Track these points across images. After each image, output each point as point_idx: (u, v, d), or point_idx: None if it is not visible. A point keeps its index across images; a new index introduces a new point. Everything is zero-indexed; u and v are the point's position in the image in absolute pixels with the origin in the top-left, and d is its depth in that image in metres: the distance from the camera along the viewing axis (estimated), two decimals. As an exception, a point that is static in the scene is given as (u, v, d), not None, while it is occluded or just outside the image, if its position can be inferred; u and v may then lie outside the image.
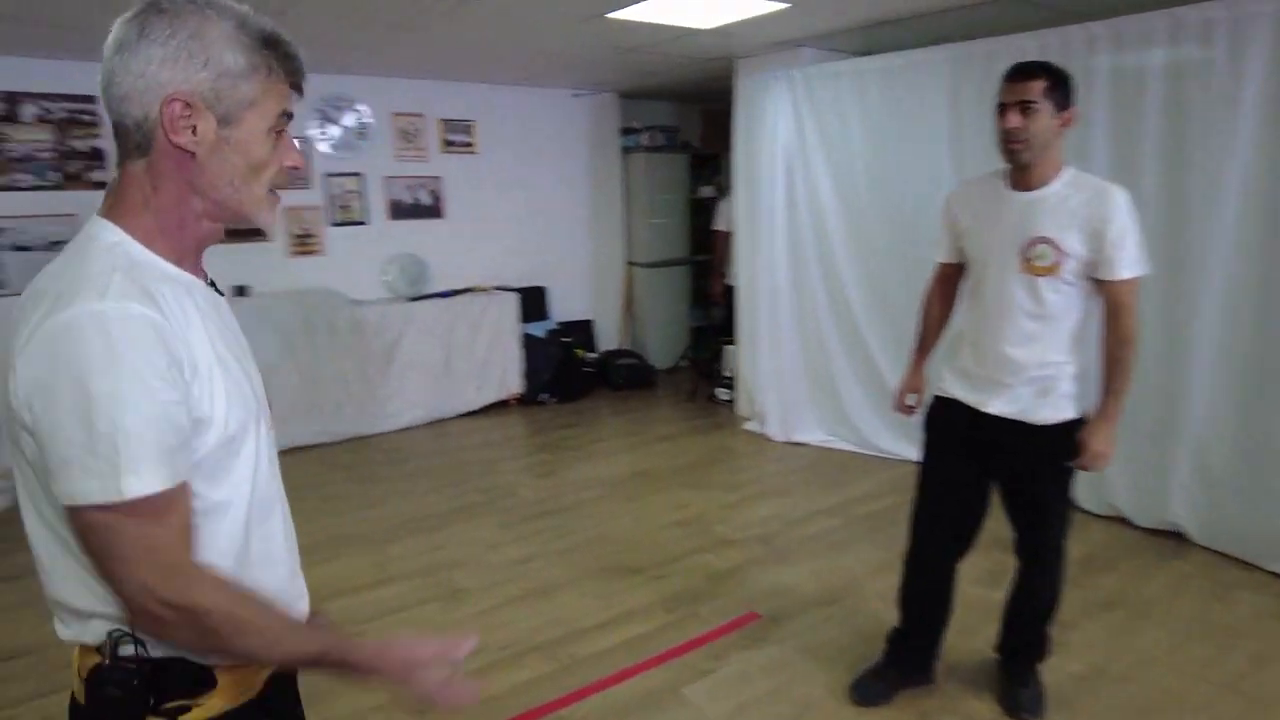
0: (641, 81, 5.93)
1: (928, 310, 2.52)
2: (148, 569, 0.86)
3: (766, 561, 3.41)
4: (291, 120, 0.99)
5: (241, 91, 0.92)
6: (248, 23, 0.92)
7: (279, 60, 0.95)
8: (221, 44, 0.90)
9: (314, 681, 1.13)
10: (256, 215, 0.99)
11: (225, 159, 0.93)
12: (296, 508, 1.15)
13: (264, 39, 0.93)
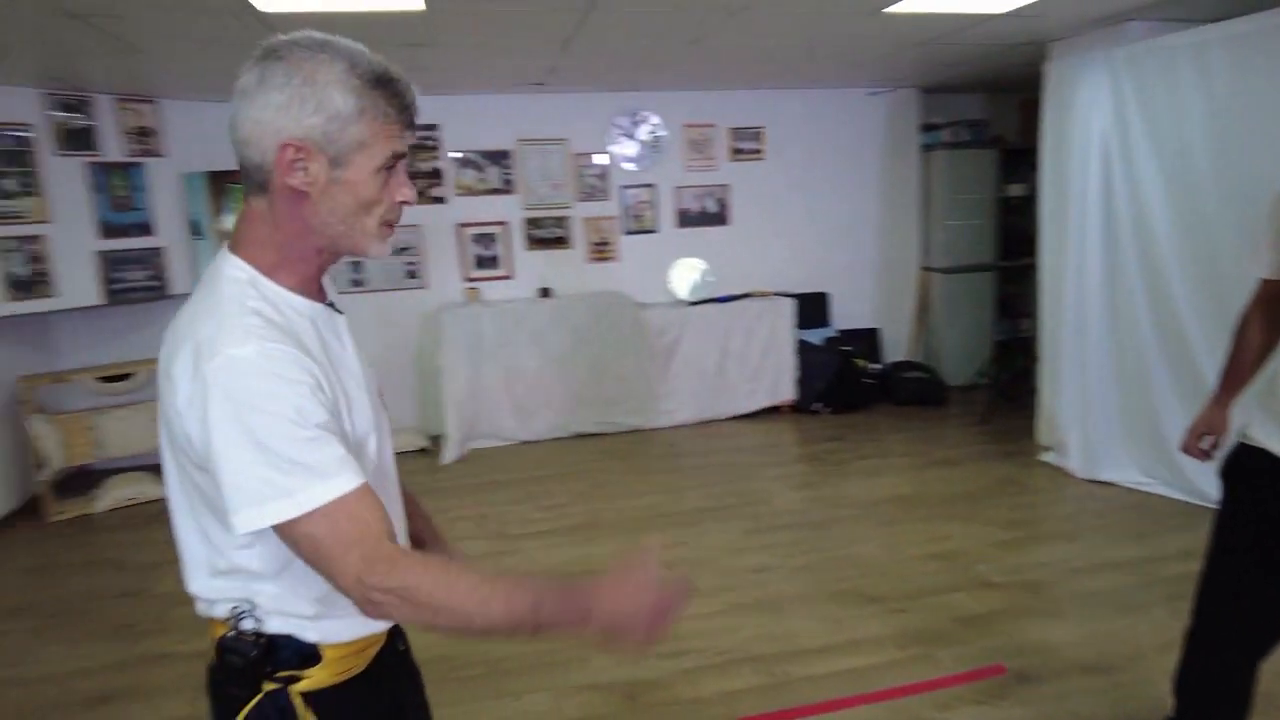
0: (944, 74, 5.51)
1: (1242, 335, 2.03)
2: (356, 562, 0.93)
3: (1030, 612, 3.00)
4: (403, 159, 1.06)
5: (351, 134, 0.98)
6: (359, 64, 0.99)
7: (389, 101, 1.01)
8: (333, 87, 0.96)
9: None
10: (368, 249, 1.06)
11: (336, 198, 1.01)
12: (569, 488, 1.31)
13: (375, 80, 0.99)
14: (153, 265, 4.77)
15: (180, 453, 1.01)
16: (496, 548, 3.81)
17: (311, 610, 1.08)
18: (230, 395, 0.92)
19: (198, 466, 0.98)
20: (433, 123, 5.32)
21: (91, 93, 4.46)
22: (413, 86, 1.04)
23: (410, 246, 5.41)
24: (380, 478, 1.13)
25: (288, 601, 1.07)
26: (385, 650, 1.21)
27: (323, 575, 0.97)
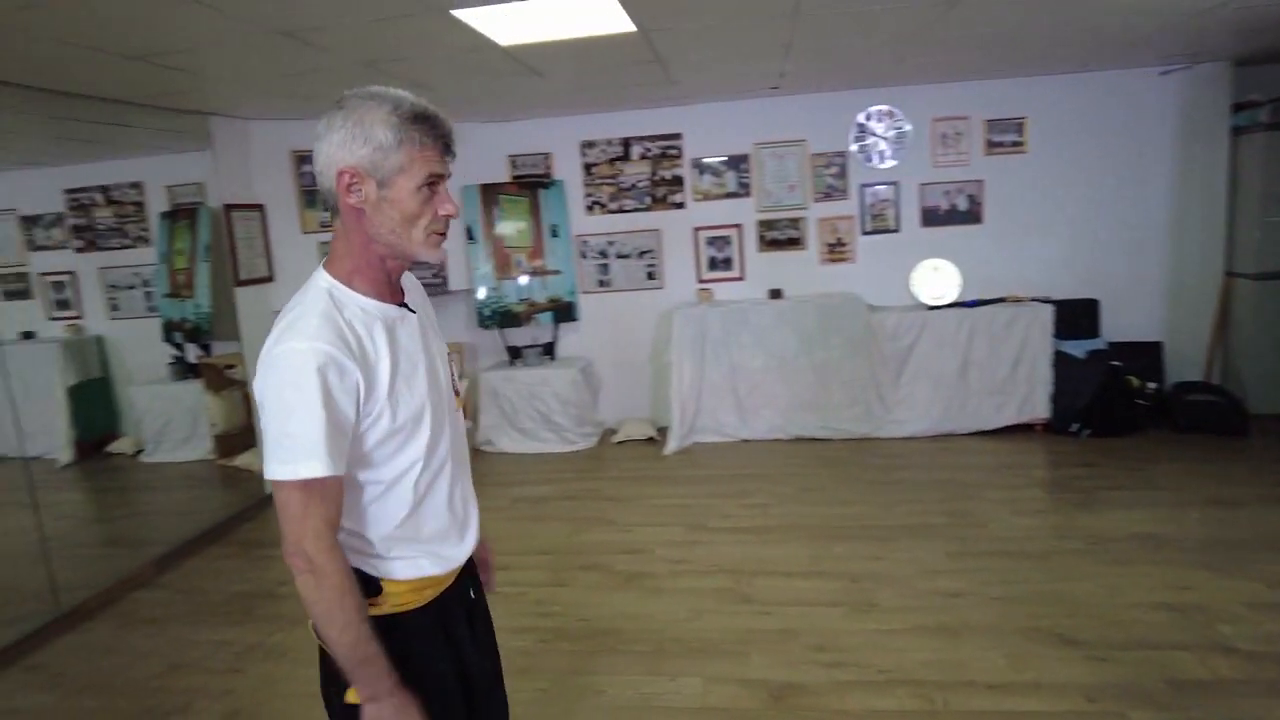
0: (1263, 41, 4.63)
1: None
2: (301, 529, 1.21)
3: (1275, 692, 2.50)
4: (444, 179, 1.29)
5: (392, 160, 1.24)
6: (401, 106, 1.24)
7: (425, 133, 1.24)
8: (377, 125, 1.22)
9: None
10: (419, 254, 1.31)
11: (386, 213, 1.26)
12: (776, 490, 1.57)
13: (413, 117, 1.24)
14: (436, 265, 5.61)
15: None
16: (688, 537, 3.98)
17: (373, 550, 1.35)
18: (278, 374, 1.21)
19: None
20: (675, 132, 5.61)
21: (395, 121, 5.35)
22: (448, 120, 1.27)
23: (650, 250, 5.76)
24: (432, 449, 1.37)
25: (356, 540, 1.35)
26: (451, 593, 1.45)
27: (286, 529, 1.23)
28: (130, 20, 2.73)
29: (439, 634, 1.42)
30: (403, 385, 1.31)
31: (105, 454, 6.31)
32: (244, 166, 4.93)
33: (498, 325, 5.72)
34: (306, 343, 1.21)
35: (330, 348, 1.21)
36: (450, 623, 1.45)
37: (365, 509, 1.34)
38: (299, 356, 1.20)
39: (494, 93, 4.63)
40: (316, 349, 1.21)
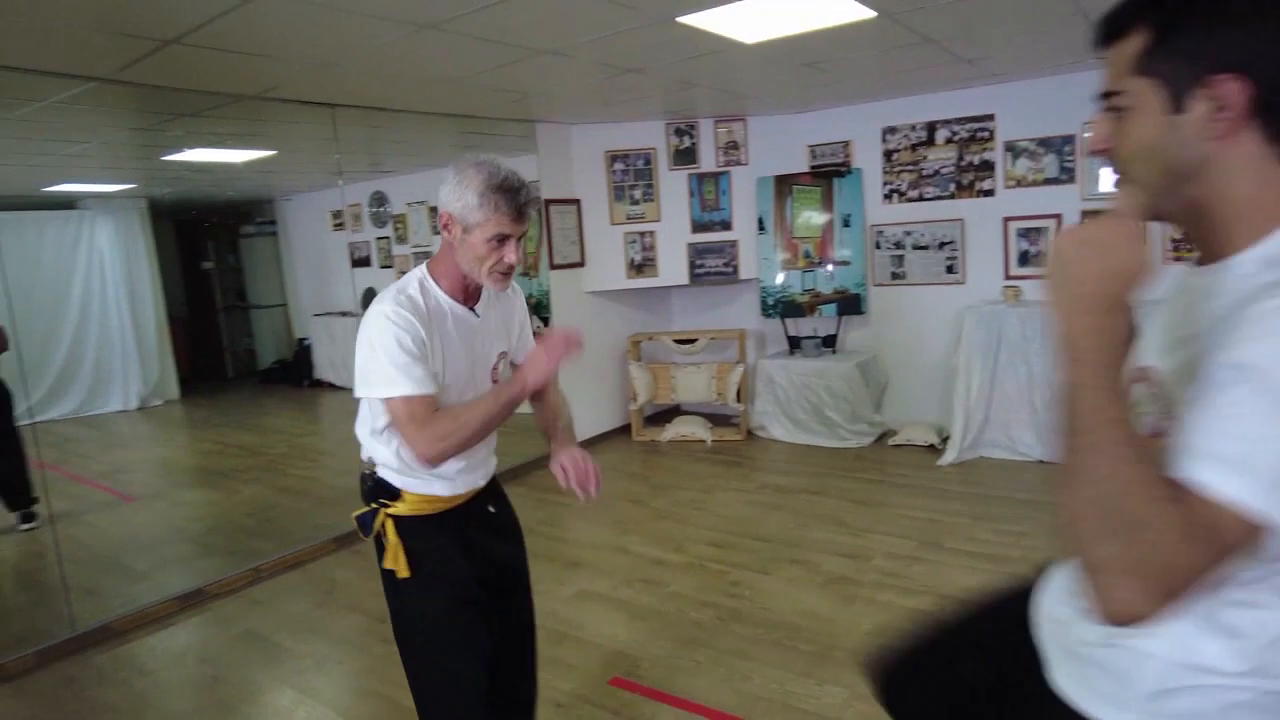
0: None
1: None
2: (411, 433, 1.62)
3: None
4: (511, 237, 1.65)
5: (474, 217, 1.63)
6: (494, 176, 1.62)
7: (503, 202, 1.61)
8: (471, 189, 1.62)
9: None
10: (485, 283, 1.73)
11: (465, 250, 1.68)
12: (1042, 520, 1.68)
13: (496, 187, 1.61)
14: (728, 254, 5.86)
15: None
16: (915, 553, 3.71)
17: (395, 466, 1.77)
18: (369, 324, 1.66)
19: None
20: (986, 113, 5.11)
21: (698, 118, 5.70)
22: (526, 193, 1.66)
23: (951, 241, 5.34)
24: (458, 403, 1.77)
25: (382, 456, 1.78)
26: (468, 508, 1.86)
27: (401, 438, 1.66)
28: (503, 72, 3.77)
29: (455, 536, 1.81)
30: (441, 359, 1.71)
31: (468, 401, 7.70)
32: (565, 165, 5.67)
33: (781, 315, 5.79)
34: (392, 306, 1.65)
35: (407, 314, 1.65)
36: (467, 529, 1.84)
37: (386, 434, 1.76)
38: (384, 314, 1.65)
39: (781, 84, 4.69)
40: (399, 312, 1.64)
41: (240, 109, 4.11)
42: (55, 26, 2.64)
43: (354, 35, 3.02)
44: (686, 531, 4.16)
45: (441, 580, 1.76)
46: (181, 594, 3.69)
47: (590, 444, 5.88)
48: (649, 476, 5.17)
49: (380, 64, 3.48)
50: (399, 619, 1.80)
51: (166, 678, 3.09)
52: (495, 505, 1.97)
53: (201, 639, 3.39)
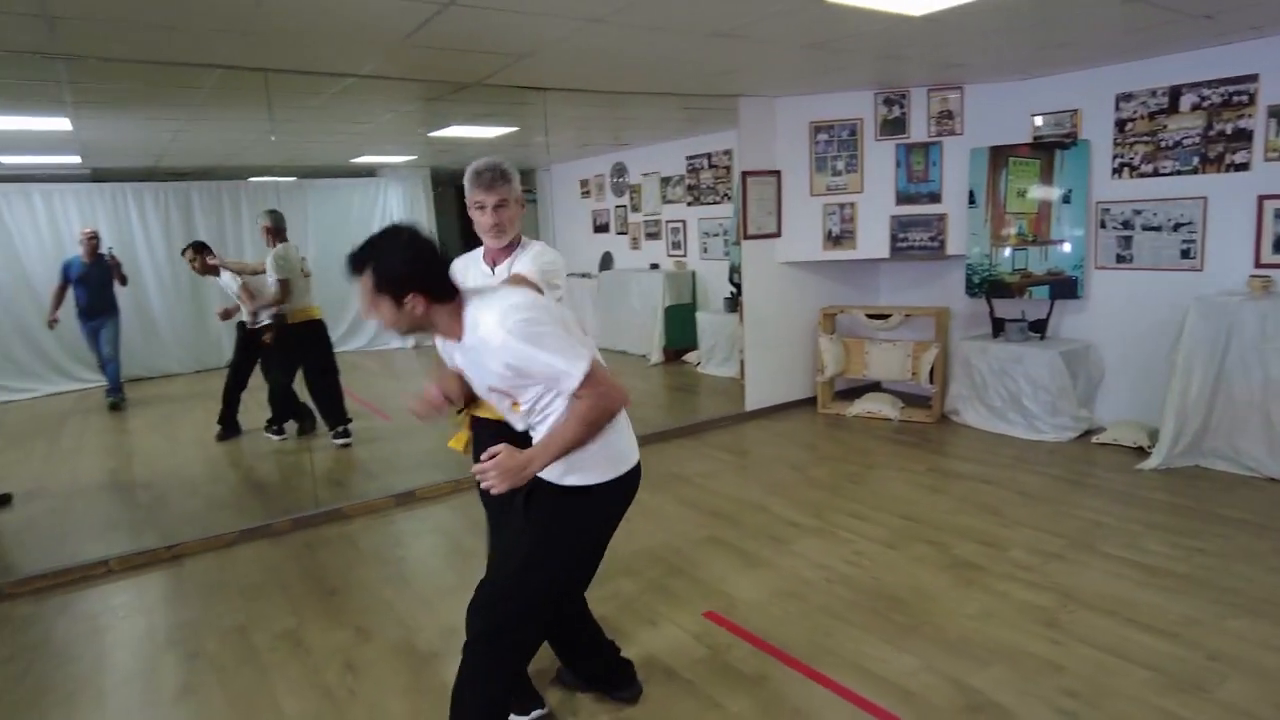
0: None
1: None
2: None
3: None
4: (485, 206, 2.28)
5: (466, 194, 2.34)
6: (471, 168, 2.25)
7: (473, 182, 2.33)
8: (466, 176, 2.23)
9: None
10: (485, 241, 2.41)
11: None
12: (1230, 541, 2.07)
13: (470, 173, 2.27)
14: (934, 228, 5.66)
15: None
16: (1061, 551, 3.50)
17: None
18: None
19: None
20: (1247, 73, 4.42)
21: (909, 87, 5.54)
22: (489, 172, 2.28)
23: (1189, 222, 4.72)
24: None
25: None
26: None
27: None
28: (716, 59, 4.26)
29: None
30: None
31: (680, 361, 8.22)
32: (766, 137, 5.81)
33: (986, 294, 5.50)
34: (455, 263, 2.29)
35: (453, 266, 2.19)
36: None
37: None
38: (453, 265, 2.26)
39: (1004, 50, 4.44)
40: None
41: (471, 94, 4.84)
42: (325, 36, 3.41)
43: (533, 30, 3.50)
44: (832, 501, 4.26)
45: None
46: (398, 494, 4.57)
47: (773, 414, 6.06)
48: (818, 447, 5.27)
49: (567, 53, 3.94)
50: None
51: (367, 553, 3.91)
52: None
53: (402, 530, 4.21)
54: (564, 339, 1.83)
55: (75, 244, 7.28)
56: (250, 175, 8.82)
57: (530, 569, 2.03)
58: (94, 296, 6.95)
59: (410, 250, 1.79)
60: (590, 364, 1.82)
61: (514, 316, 1.81)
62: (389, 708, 2.61)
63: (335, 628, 3.16)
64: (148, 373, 8.48)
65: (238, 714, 2.61)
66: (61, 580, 3.69)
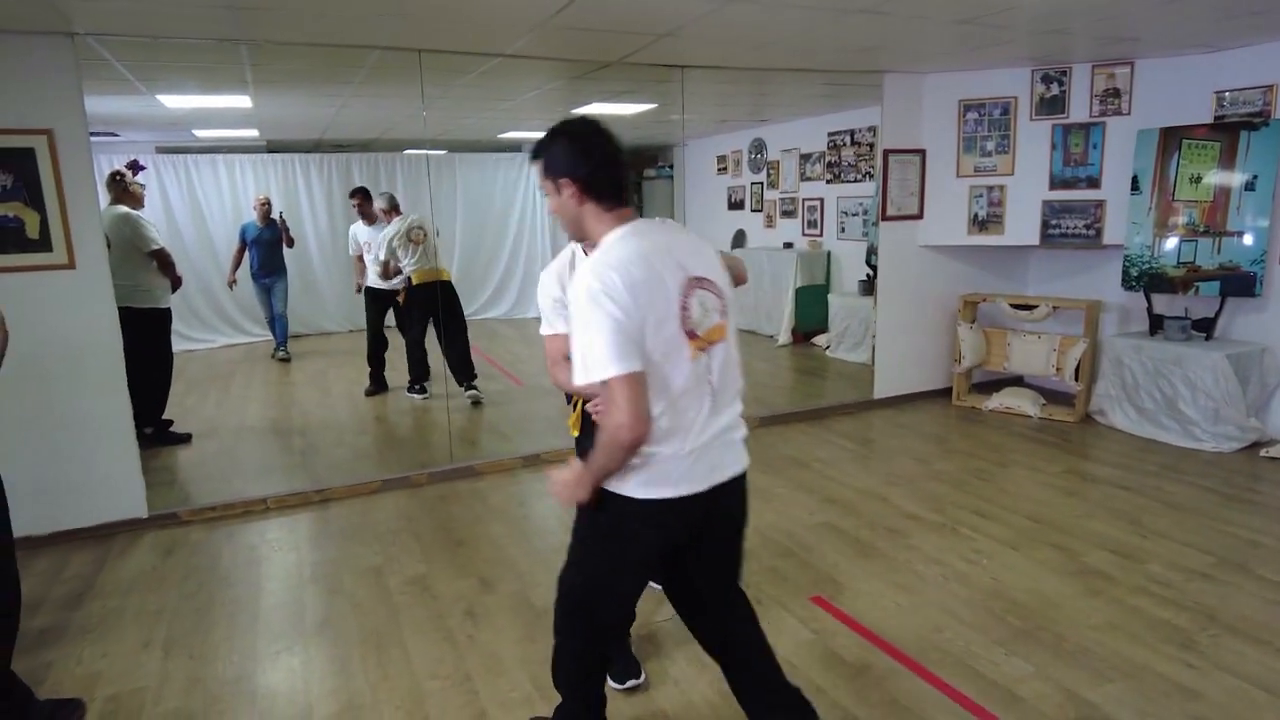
0: None
1: None
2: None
3: None
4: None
5: None
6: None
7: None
8: None
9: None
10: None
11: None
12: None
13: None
14: (1091, 215, 5.28)
15: None
16: (1210, 570, 3.24)
17: None
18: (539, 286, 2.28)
19: None
20: None
21: (1071, 63, 5.15)
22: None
23: (1399, 215, 4.18)
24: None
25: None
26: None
27: None
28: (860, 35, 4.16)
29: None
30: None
31: (809, 343, 8.12)
32: (912, 115, 5.58)
33: (1145, 288, 5.08)
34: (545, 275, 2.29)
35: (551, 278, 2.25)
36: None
37: None
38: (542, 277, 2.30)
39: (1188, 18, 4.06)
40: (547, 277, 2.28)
41: (611, 72, 4.93)
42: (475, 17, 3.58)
43: (676, 8, 3.52)
44: (955, 496, 4.11)
45: None
46: (525, 455, 4.79)
47: (903, 403, 5.88)
48: (948, 440, 5.08)
49: (707, 31, 3.94)
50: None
51: (494, 509, 4.13)
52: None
53: (526, 491, 4.41)
54: (612, 335, 1.57)
55: (251, 210, 8.00)
56: (405, 148, 9.35)
57: (569, 566, 1.97)
58: (266, 258, 7.65)
59: (578, 140, 1.72)
60: (614, 377, 1.56)
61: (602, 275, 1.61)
62: (503, 655, 2.78)
63: (460, 576, 3.38)
64: (307, 329, 9.24)
65: (369, 648, 2.86)
66: (228, 513, 4.13)
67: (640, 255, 1.65)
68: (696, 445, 1.73)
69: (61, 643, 2.95)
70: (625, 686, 2.54)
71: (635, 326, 1.59)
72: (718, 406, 1.78)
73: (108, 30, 3.54)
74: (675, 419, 1.70)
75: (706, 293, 1.74)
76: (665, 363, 1.65)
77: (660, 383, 1.66)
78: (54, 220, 3.62)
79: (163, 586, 3.38)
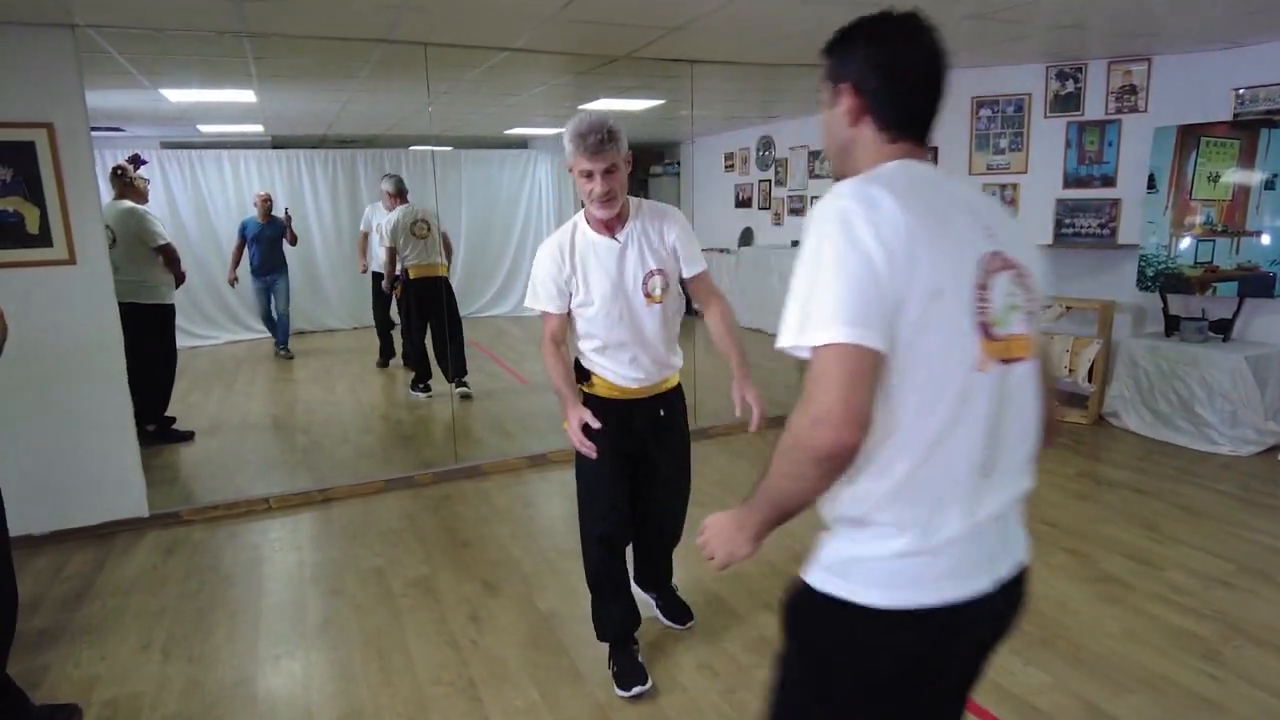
0: None
1: None
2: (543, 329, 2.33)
3: None
4: (593, 172, 2.11)
5: (569, 160, 2.19)
6: (572, 127, 2.14)
7: (578, 146, 2.13)
8: (566, 137, 2.16)
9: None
10: (593, 213, 2.24)
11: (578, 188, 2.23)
12: None
13: (572, 135, 2.11)
14: (1106, 215, 5.20)
15: None
16: (1227, 576, 3.16)
17: (587, 357, 2.36)
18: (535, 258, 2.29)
19: None
20: None
21: (1086, 60, 5.07)
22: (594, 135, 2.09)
23: None
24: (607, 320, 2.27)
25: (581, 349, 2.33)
26: (641, 403, 2.41)
27: None
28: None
29: (622, 419, 2.36)
30: (584, 278, 2.25)
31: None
32: (924, 112, 5.50)
33: (1161, 289, 5.00)
34: (544, 247, 2.29)
35: (553, 249, 2.26)
36: (632, 419, 2.39)
37: (580, 338, 2.35)
38: (540, 250, 2.29)
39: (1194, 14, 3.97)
40: (545, 249, 2.28)
41: (620, 67, 4.86)
42: (483, 10, 3.52)
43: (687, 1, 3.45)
44: (969, 498, 4.04)
45: (599, 439, 2.27)
46: (531, 455, 4.73)
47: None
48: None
49: (719, 25, 3.87)
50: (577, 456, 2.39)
51: (499, 509, 4.08)
52: (666, 412, 2.47)
53: (532, 491, 4.36)
54: (854, 281, 1.00)
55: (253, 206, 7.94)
56: (410, 144, 9.30)
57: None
58: (267, 255, 7.56)
59: (882, 40, 1.17)
60: (831, 344, 1.00)
61: (869, 195, 1.05)
62: (508, 661, 2.73)
63: (464, 579, 3.33)
64: (311, 326, 9.19)
65: (370, 651, 2.81)
66: (230, 512, 4.08)
67: (930, 191, 1.12)
68: (964, 526, 1.10)
69: (59, 644, 2.91)
70: (632, 693, 2.48)
71: (897, 285, 1.01)
72: (1001, 465, 1.13)
73: (108, 22, 3.48)
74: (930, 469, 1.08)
75: (1018, 282, 1.13)
76: (929, 358, 1.05)
77: (916, 386, 1.05)
78: (54, 215, 3.57)
79: (163, 587, 3.33)
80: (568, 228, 2.31)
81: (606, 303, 2.26)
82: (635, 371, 2.36)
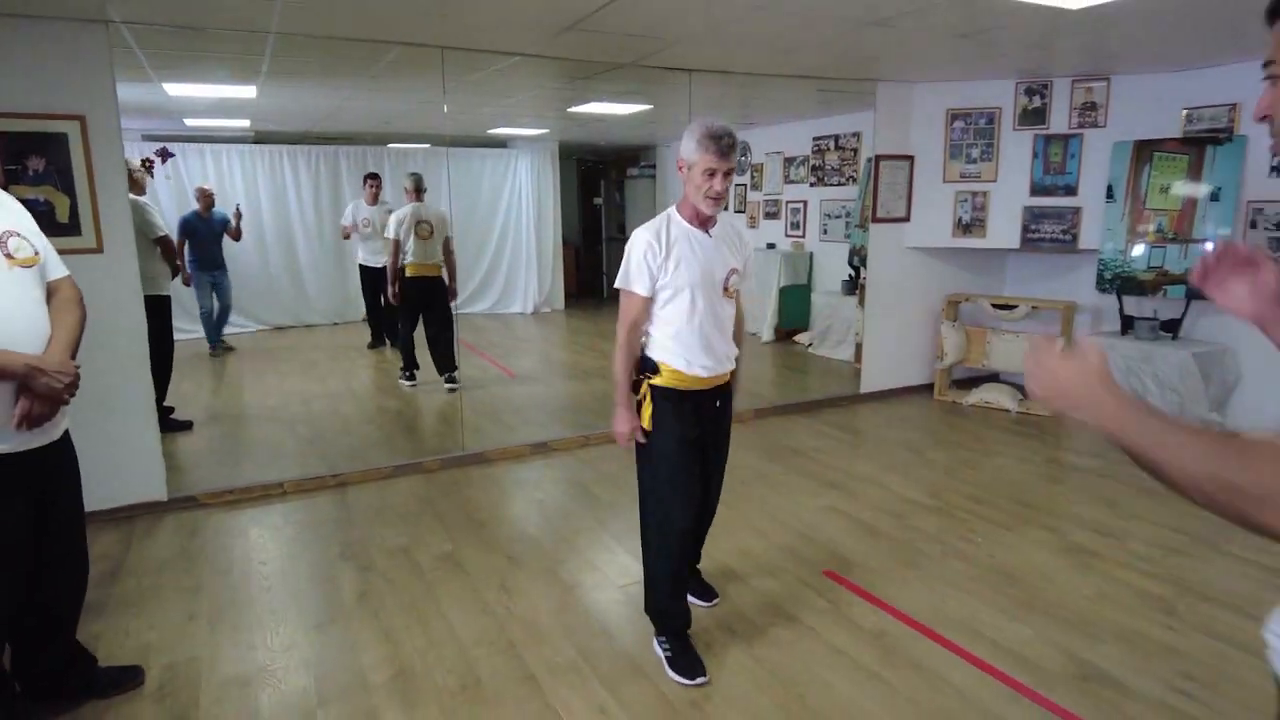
0: None
1: None
2: (621, 317, 2.46)
3: None
4: (717, 171, 2.31)
5: (692, 156, 2.38)
6: (704, 128, 2.31)
7: (708, 146, 2.29)
8: (692, 136, 2.38)
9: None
10: (700, 206, 2.43)
11: (689, 183, 2.42)
12: None
13: (703, 136, 2.29)
14: (1067, 221, 5.60)
15: None
16: (1182, 546, 3.54)
17: (657, 345, 2.53)
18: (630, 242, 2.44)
19: None
20: None
21: (1053, 77, 5.47)
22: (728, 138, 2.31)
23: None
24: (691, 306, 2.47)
25: (652, 338, 2.53)
26: (703, 394, 2.57)
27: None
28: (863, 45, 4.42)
29: (686, 408, 2.54)
30: (675, 265, 2.43)
31: (792, 340, 8.35)
32: (902, 122, 5.85)
33: (1117, 290, 5.41)
34: (642, 231, 2.46)
35: (650, 235, 2.43)
36: (696, 408, 2.57)
37: (656, 325, 2.51)
38: (637, 235, 2.46)
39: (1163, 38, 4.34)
40: (642, 233, 2.45)
41: (618, 73, 5.09)
42: (499, 18, 3.72)
43: (700, 16, 3.71)
44: (949, 483, 4.37)
45: (674, 429, 2.52)
46: (534, 443, 4.93)
47: (888, 397, 6.15)
48: (934, 431, 5.35)
49: (720, 38, 4.13)
50: (641, 451, 2.60)
51: (510, 493, 4.28)
52: (721, 403, 2.67)
53: (539, 476, 4.56)
54: None
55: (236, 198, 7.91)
56: (391, 142, 9.38)
57: None
58: (207, 250, 7.34)
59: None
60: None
61: None
62: (542, 624, 2.94)
63: (489, 553, 3.53)
64: (293, 322, 9.21)
65: (411, 618, 2.99)
66: (246, 496, 4.21)
67: None
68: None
69: (104, 616, 3.03)
70: (695, 683, 2.57)
71: None
72: None
73: (143, 19, 3.61)
74: None
75: None
76: None
77: None
78: (84, 205, 3.68)
79: (194, 565, 3.47)
80: (662, 219, 2.49)
81: (694, 289, 2.45)
82: (707, 359, 2.52)
